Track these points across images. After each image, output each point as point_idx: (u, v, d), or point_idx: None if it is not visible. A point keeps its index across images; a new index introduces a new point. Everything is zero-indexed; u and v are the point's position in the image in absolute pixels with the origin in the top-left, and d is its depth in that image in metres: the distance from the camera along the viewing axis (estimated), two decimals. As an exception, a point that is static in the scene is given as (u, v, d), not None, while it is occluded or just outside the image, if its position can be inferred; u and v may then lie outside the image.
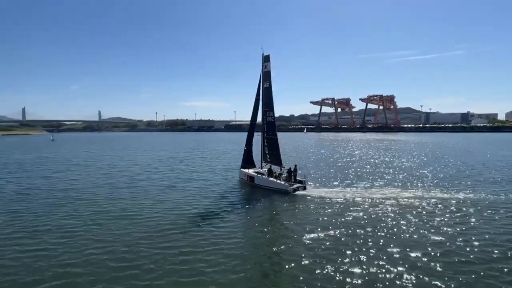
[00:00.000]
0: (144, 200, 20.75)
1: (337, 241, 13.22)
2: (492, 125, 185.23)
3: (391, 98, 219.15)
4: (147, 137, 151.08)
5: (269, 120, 25.72)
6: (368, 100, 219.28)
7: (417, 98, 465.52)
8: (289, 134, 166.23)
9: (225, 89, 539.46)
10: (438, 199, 19.90)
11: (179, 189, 24.32)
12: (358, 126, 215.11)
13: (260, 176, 24.90)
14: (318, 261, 11.28)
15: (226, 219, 16.56)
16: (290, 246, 12.86)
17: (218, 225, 15.51)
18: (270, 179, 23.95)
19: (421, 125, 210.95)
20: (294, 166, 24.36)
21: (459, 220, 15.73)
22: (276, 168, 24.93)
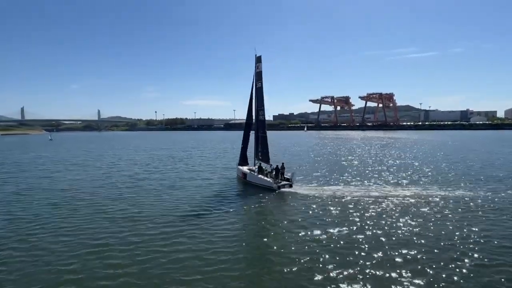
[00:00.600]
0: (143, 200, 20.55)
1: (315, 238, 13.40)
2: (491, 123, 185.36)
3: (390, 96, 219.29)
4: (147, 136, 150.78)
5: (261, 119, 26.48)
6: (368, 98, 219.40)
7: (416, 96, 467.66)
8: (290, 133, 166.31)
9: (226, 88, 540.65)
10: (425, 196, 20.06)
11: (178, 189, 24.12)
12: (358, 124, 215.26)
13: (251, 173, 25.59)
14: (296, 258, 11.26)
15: (222, 218, 16.42)
16: (267, 242, 13.04)
17: (212, 224, 15.39)
18: (259, 176, 24.53)
19: (420, 123, 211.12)
20: (282, 164, 24.86)
21: (429, 215, 15.68)
22: (267, 166, 25.57)
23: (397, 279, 9.94)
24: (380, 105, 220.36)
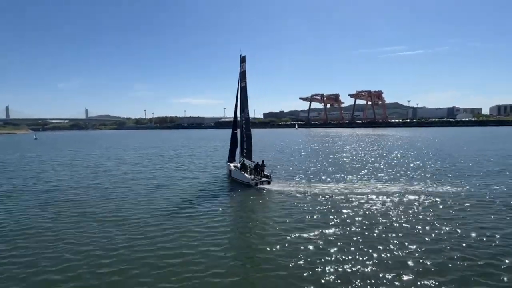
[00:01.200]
0: (131, 200, 20.35)
1: (288, 234, 13.68)
2: (477, 119, 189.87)
3: (379, 94, 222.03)
4: (135, 135, 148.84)
5: (245, 118, 27.04)
6: (357, 96, 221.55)
7: (405, 94, 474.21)
8: (281, 131, 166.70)
9: (217, 87, 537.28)
10: (408, 191, 20.45)
11: (167, 188, 23.97)
12: (347, 122, 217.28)
13: (235, 170, 26.41)
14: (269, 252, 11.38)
15: (207, 217, 16.44)
16: (241, 238, 13.30)
17: (198, 222, 15.40)
18: (240, 173, 25.14)
19: (409, 120, 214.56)
20: (262, 162, 25.50)
21: (419, 214, 16.04)
22: (251, 163, 26.14)
23: (378, 275, 10.12)
24: (369, 103, 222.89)
